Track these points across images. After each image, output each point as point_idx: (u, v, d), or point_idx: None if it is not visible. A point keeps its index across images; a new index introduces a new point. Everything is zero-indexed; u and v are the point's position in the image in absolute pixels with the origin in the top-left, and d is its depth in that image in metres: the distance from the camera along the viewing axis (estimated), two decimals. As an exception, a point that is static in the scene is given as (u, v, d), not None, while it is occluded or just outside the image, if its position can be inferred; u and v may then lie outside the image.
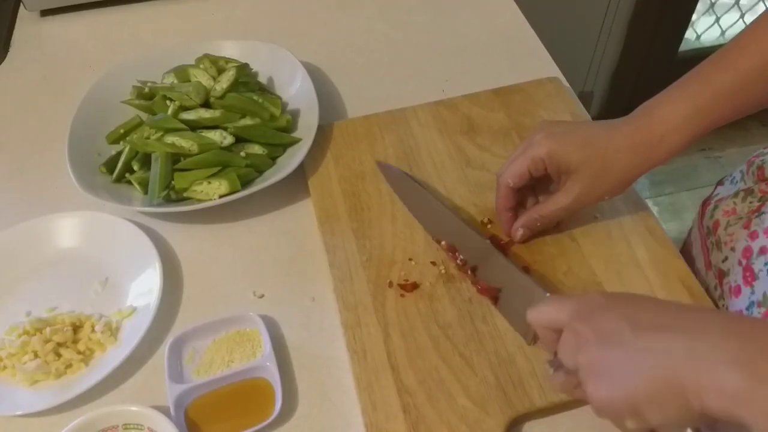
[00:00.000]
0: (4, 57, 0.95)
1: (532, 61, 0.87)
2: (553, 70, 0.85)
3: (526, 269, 0.63)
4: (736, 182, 0.71)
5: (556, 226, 0.65)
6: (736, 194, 0.68)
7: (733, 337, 0.39)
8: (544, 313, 0.48)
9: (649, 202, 0.72)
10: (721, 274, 0.66)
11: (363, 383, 0.56)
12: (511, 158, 0.62)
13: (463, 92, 0.80)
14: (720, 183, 0.75)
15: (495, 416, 0.53)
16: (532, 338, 0.57)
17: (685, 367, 0.39)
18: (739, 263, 0.63)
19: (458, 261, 0.63)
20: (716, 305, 0.62)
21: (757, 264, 0.61)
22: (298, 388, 0.59)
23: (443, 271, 0.63)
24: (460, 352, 0.57)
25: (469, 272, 0.62)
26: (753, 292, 0.61)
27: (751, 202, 0.66)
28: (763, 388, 0.36)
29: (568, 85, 0.82)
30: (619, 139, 0.57)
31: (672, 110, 0.56)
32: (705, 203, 0.73)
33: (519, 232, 0.63)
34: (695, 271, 0.66)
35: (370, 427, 0.54)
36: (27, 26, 0.99)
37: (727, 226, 0.67)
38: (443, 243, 0.65)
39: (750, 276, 0.62)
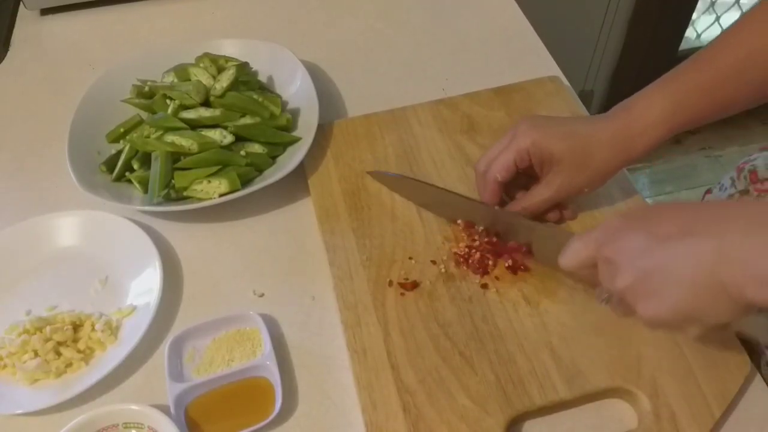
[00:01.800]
0: (4, 56, 0.95)
1: (532, 60, 0.87)
2: (553, 69, 0.85)
3: (526, 268, 0.63)
4: (726, 189, 0.72)
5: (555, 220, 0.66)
6: (731, 197, 0.69)
7: (757, 228, 0.40)
8: (572, 255, 0.49)
9: (649, 201, 0.72)
10: None
11: (363, 382, 0.56)
12: (492, 152, 0.63)
13: (463, 91, 0.80)
14: (708, 191, 0.76)
15: (495, 415, 0.53)
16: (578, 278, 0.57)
17: (719, 268, 0.40)
18: None
19: (479, 231, 0.64)
20: None
21: None
22: (298, 387, 0.59)
23: (443, 270, 0.63)
24: (460, 351, 0.57)
25: (495, 239, 0.63)
26: None
27: None
28: None
29: (568, 84, 0.82)
30: (600, 132, 0.59)
31: (650, 106, 0.58)
32: None
33: (502, 211, 0.64)
34: None
35: (370, 426, 0.54)
36: (27, 25, 0.99)
37: None
38: (459, 222, 0.65)
39: None
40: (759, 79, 0.57)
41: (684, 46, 1.78)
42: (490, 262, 0.63)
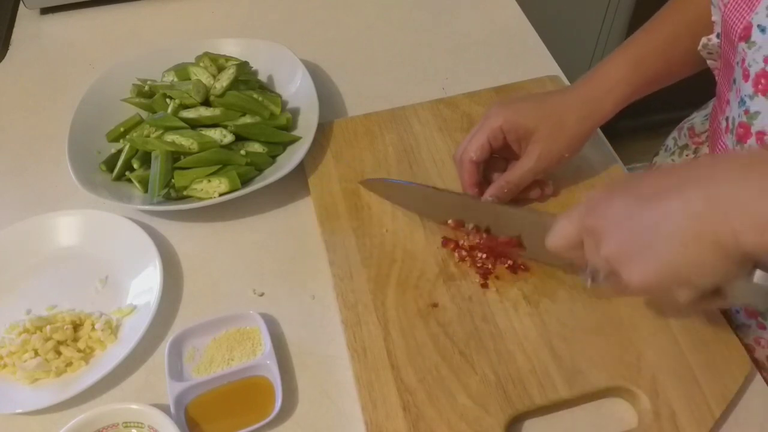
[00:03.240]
0: (4, 55, 0.95)
1: (532, 59, 0.87)
2: (553, 69, 0.85)
3: (526, 267, 0.63)
4: (670, 149, 0.75)
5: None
6: (672, 152, 0.73)
7: (749, 172, 0.38)
8: (558, 233, 0.48)
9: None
10: None
11: (363, 381, 0.56)
12: (467, 137, 0.65)
13: (463, 90, 0.80)
14: (655, 154, 0.79)
15: (495, 414, 0.53)
16: (570, 265, 0.56)
17: (711, 216, 0.38)
18: None
19: (470, 229, 0.64)
20: None
21: None
22: (298, 387, 0.59)
23: (443, 269, 0.63)
24: (460, 351, 0.57)
25: (484, 234, 0.63)
26: None
27: (687, 155, 0.71)
28: None
29: (568, 83, 0.82)
30: (569, 98, 0.63)
31: (613, 67, 0.63)
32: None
33: (488, 201, 0.64)
34: None
35: (370, 425, 0.54)
36: (27, 24, 0.99)
37: None
38: (450, 222, 0.65)
39: None
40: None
41: (684, 45, 1.78)
42: (490, 266, 0.62)
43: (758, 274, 0.40)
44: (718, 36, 0.59)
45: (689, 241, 0.38)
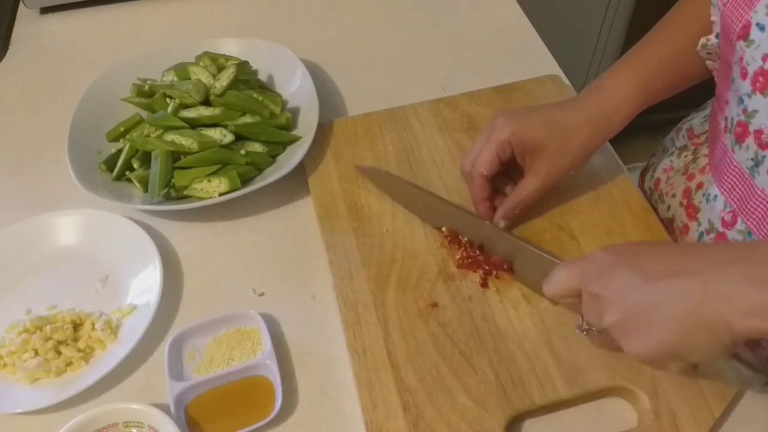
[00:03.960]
0: (4, 55, 0.94)
1: (532, 58, 0.87)
2: (553, 68, 0.85)
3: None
4: (668, 150, 0.75)
5: (543, 214, 0.67)
6: (671, 153, 0.73)
7: (739, 262, 0.42)
8: (557, 283, 0.50)
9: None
10: (670, 222, 0.70)
11: (363, 381, 0.56)
12: (474, 149, 0.63)
13: (463, 90, 0.80)
14: (653, 154, 0.79)
15: (495, 414, 0.53)
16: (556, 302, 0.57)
17: (706, 303, 0.41)
18: (681, 204, 0.68)
19: (464, 242, 0.63)
20: None
21: (697, 198, 0.65)
22: (298, 386, 0.59)
23: (443, 269, 0.63)
24: (460, 350, 0.57)
25: (478, 251, 0.63)
26: (699, 224, 0.64)
27: (686, 156, 0.71)
28: None
29: (568, 82, 0.82)
30: (577, 115, 0.62)
31: (619, 84, 0.62)
32: (643, 173, 0.78)
33: (501, 224, 0.64)
34: None
35: (370, 425, 0.54)
36: (27, 24, 0.99)
37: (668, 179, 0.71)
38: (444, 229, 0.65)
39: (692, 211, 0.65)
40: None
41: (684, 45, 1.78)
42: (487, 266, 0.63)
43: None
44: (717, 36, 0.59)
45: (687, 326, 0.42)
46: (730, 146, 0.58)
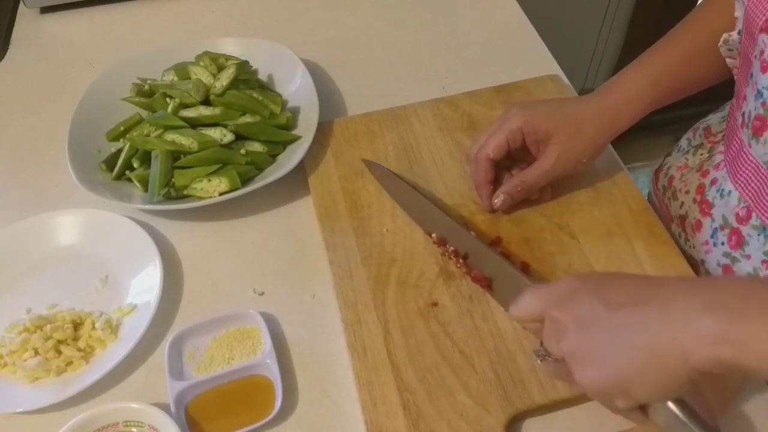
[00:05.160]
0: (4, 54, 0.94)
1: (532, 58, 0.87)
2: (553, 68, 0.85)
3: (526, 266, 0.63)
4: (683, 149, 0.75)
5: (541, 211, 0.67)
6: (686, 152, 0.73)
7: (700, 291, 0.41)
8: (522, 306, 0.49)
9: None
10: (683, 219, 0.70)
11: (363, 380, 0.56)
12: (485, 135, 0.65)
13: (463, 89, 0.80)
14: (668, 154, 0.79)
15: (495, 413, 0.53)
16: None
17: (663, 332, 0.40)
18: (694, 200, 0.67)
19: (450, 251, 0.63)
20: (685, 253, 0.66)
21: (711, 193, 0.65)
22: (298, 386, 0.59)
23: (444, 269, 0.63)
24: (460, 350, 0.57)
25: (461, 260, 0.63)
26: (713, 220, 0.64)
27: (701, 154, 0.71)
28: (739, 326, 0.38)
29: (568, 82, 0.82)
30: (588, 108, 0.64)
31: (631, 82, 0.64)
32: (657, 171, 0.78)
33: (500, 198, 0.65)
34: None
35: (370, 424, 0.54)
36: (27, 23, 0.99)
37: (682, 177, 0.71)
38: (434, 235, 0.65)
39: (706, 207, 0.65)
40: (722, 56, 0.63)
41: (684, 44, 1.78)
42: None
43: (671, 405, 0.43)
44: (739, 33, 0.59)
45: (641, 356, 0.41)
46: (746, 141, 0.58)
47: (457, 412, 0.54)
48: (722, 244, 0.63)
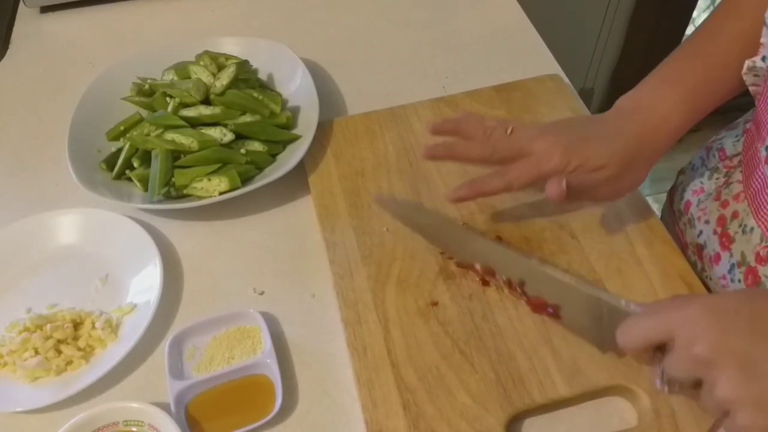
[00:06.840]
0: (4, 54, 0.94)
1: (532, 58, 0.87)
2: (553, 67, 0.85)
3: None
4: (697, 168, 0.73)
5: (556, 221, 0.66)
6: (702, 174, 0.71)
7: None
8: (639, 334, 0.44)
9: (650, 200, 0.73)
10: (699, 249, 0.68)
11: (363, 380, 0.56)
12: (516, 168, 0.57)
13: (463, 89, 0.80)
14: (681, 172, 0.77)
15: (495, 413, 0.53)
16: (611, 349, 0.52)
17: None
18: (714, 232, 0.65)
19: (503, 281, 0.58)
20: (703, 282, 0.63)
21: (732, 227, 0.63)
22: (298, 385, 0.59)
23: (444, 268, 0.63)
24: (460, 349, 0.57)
25: (519, 290, 0.58)
26: (731, 255, 0.62)
27: (717, 179, 0.69)
28: None
29: (568, 82, 0.82)
30: (631, 139, 0.57)
31: (661, 99, 0.58)
32: (671, 191, 0.76)
33: (562, 183, 0.55)
34: None
35: (370, 423, 0.54)
36: (27, 23, 0.99)
37: (699, 203, 0.69)
38: (477, 266, 0.60)
39: (727, 241, 0.63)
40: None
41: (684, 44, 1.78)
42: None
43: None
44: (764, 60, 0.56)
45: None
46: None
47: (457, 412, 0.54)
48: (739, 281, 0.61)
